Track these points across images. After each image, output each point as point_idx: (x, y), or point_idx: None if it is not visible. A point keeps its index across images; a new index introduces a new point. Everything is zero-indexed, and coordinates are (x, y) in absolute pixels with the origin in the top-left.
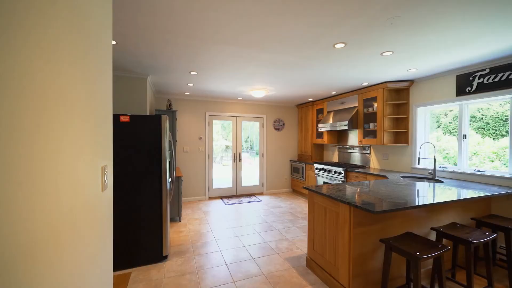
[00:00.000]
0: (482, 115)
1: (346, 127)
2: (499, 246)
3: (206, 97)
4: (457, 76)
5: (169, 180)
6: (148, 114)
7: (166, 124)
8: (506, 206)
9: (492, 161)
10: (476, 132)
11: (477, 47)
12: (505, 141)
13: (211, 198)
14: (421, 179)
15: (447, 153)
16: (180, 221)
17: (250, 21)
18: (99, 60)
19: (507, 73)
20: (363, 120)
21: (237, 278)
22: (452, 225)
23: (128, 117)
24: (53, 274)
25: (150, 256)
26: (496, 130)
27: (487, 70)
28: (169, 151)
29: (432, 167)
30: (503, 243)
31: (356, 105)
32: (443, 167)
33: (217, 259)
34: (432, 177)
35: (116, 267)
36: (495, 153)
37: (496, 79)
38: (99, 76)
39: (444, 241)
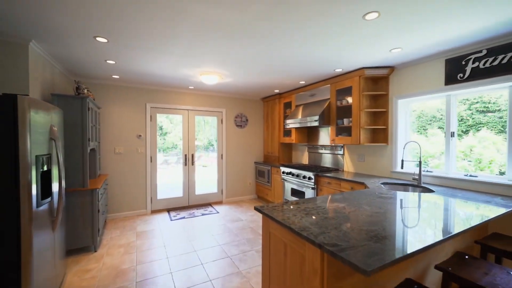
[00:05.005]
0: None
1: (317, 123)
2: None
3: (145, 84)
4: (446, 60)
5: (48, 198)
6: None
7: (27, 114)
8: (504, 221)
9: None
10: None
11: (470, 20)
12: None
13: (155, 212)
14: (405, 186)
15: (421, 154)
16: (95, 251)
17: None
18: None
19: (509, 54)
20: (336, 115)
21: None
22: (459, 258)
23: None
24: None
25: None
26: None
27: (484, 52)
28: (48, 156)
29: (415, 171)
30: None
31: (328, 97)
32: (428, 171)
33: None
34: (417, 184)
35: None
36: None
37: (495, 63)
38: None
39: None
